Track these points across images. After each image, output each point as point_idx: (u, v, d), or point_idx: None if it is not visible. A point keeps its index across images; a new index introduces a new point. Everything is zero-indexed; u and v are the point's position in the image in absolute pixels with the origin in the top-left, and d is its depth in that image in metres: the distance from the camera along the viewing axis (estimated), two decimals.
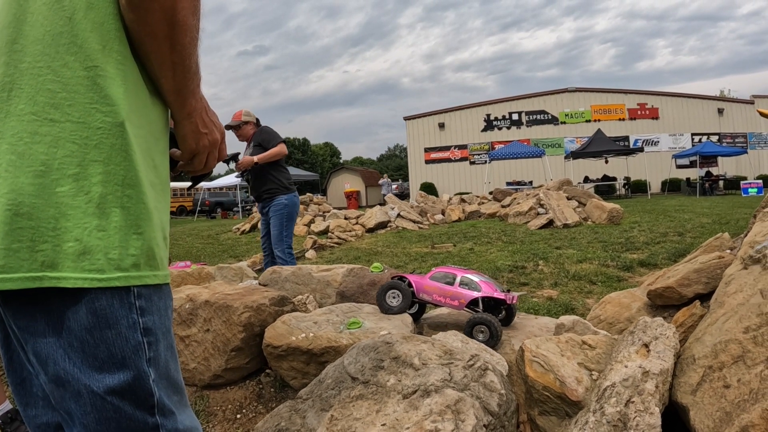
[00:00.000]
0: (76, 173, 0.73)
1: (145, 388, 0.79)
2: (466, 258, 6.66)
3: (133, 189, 0.78)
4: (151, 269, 0.81)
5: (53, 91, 0.74)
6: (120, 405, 0.77)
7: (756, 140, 27.84)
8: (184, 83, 0.87)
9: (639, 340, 1.65)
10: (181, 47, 0.81)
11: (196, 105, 0.93)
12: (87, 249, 0.73)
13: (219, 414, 2.33)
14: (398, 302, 2.58)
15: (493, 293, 2.43)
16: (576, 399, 1.58)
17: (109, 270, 0.74)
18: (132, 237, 0.77)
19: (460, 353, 1.76)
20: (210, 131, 0.98)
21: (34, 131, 0.73)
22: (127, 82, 0.80)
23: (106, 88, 0.76)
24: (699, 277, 2.35)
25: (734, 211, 11.26)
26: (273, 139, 4.53)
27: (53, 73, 0.74)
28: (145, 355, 0.79)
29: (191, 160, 1.00)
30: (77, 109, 0.74)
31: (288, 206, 4.59)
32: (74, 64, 0.75)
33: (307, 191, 26.51)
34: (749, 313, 1.55)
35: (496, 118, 29.68)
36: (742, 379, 1.39)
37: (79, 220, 0.73)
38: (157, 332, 0.82)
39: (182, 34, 0.80)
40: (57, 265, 0.72)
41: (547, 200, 10.97)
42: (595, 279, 4.77)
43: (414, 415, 1.48)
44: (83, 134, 0.74)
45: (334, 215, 12.94)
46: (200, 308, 2.57)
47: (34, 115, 0.73)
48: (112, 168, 0.76)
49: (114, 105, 0.76)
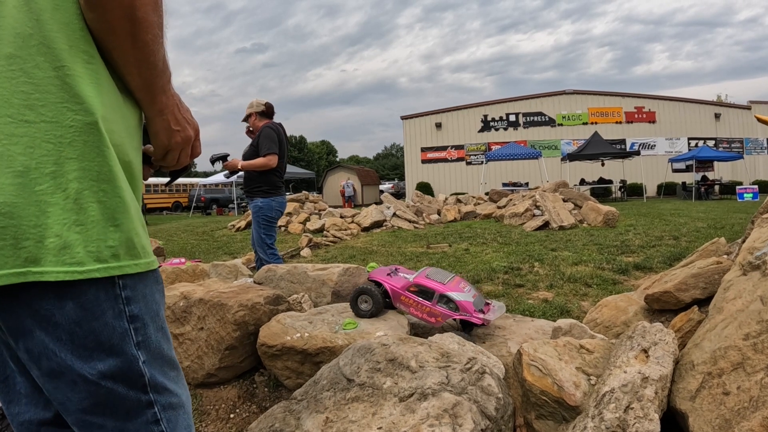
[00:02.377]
0: (53, 171, 0.76)
1: (136, 370, 0.84)
2: (462, 258, 6.65)
3: (108, 184, 0.80)
4: (132, 258, 0.83)
5: (27, 93, 0.76)
6: (113, 387, 0.82)
7: (752, 146, 27.96)
8: (152, 80, 0.88)
9: (638, 345, 1.64)
10: (143, 44, 0.82)
11: (167, 102, 0.94)
12: (67, 243, 0.76)
13: (212, 413, 2.30)
14: (368, 307, 2.56)
15: (471, 316, 2.40)
16: (574, 404, 1.57)
17: (88, 262, 0.77)
18: (110, 229, 0.80)
19: (457, 356, 1.74)
20: (182, 128, 0.99)
21: (10, 133, 0.74)
22: (98, 80, 0.82)
23: (75, 87, 0.78)
24: (697, 282, 2.35)
25: (729, 215, 11.30)
26: (265, 147, 4.39)
27: (25, 74, 0.76)
28: (133, 341, 0.84)
29: (164, 156, 1.01)
30: (50, 109, 0.76)
31: (263, 209, 4.49)
32: (44, 65, 0.77)
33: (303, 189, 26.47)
34: (749, 319, 1.53)
35: (493, 119, 29.67)
36: (742, 387, 1.38)
37: (58, 216, 0.76)
38: (144, 317, 0.86)
39: (143, 31, 0.81)
40: (39, 261, 0.74)
41: (543, 202, 10.98)
42: (590, 281, 4.77)
43: (411, 419, 1.46)
44: (57, 133, 0.76)
45: (330, 213, 12.91)
46: (194, 306, 2.55)
47: (10, 118, 0.75)
48: (87, 164, 0.78)
49: (83, 103, 0.78)
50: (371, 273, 2.80)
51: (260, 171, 4.45)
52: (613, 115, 28.45)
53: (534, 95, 29.68)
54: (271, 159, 4.39)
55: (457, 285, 2.53)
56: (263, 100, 4.66)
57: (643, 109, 28.37)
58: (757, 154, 27.81)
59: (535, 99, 29.49)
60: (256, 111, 4.60)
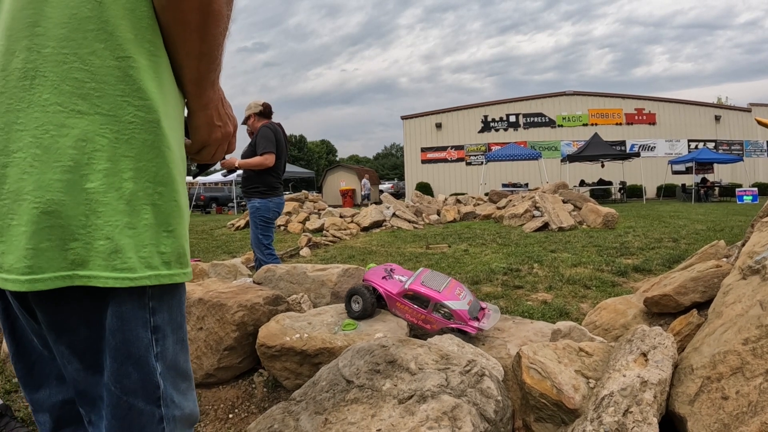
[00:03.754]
0: (107, 169, 0.70)
1: (153, 381, 0.80)
2: (461, 259, 6.65)
3: (164, 186, 0.76)
4: (181, 267, 0.79)
5: (80, 81, 0.69)
6: (134, 402, 0.79)
7: (752, 148, 27.98)
8: (207, 74, 0.84)
9: (637, 349, 1.64)
10: (212, 38, 0.78)
11: (213, 96, 0.89)
12: (118, 247, 0.71)
13: (211, 413, 2.30)
14: (359, 308, 2.57)
15: (465, 324, 2.40)
16: (573, 407, 1.57)
17: (140, 269, 0.73)
18: (162, 235, 0.76)
19: (457, 358, 1.74)
20: (224, 124, 0.95)
21: (60, 123, 0.68)
22: (159, 74, 0.77)
23: (139, 81, 0.73)
24: (696, 285, 2.35)
25: (729, 218, 11.31)
26: (261, 146, 4.37)
27: (80, 60, 0.69)
28: (153, 351, 0.80)
29: (200, 150, 0.96)
30: (107, 101, 0.71)
31: (260, 210, 4.48)
32: (104, 53, 0.70)
33: (303, 188, 26.45)
34: (748, 324, 1.54)
35: (494, 119, 29.68)
36: (741, 391, 1.38)
37: (110, 218, 0.70)
38: (165, 329, 0.82)
39: (215, 24, 0.76)
40: (87, 264, 0.69)
41: (542, 203, 10.98)
42: (589, 283, 4.77)
43: (410, 421, 1.46)
44: (114, 128, 0.71)
45: (329, 213, 12.92)
46: (193, 306, 2.54)
47: (60, 106, 0.69)
48: (144, 164, 0.73)
49: (147, 99, 0.73)
50: (366, 274, 2.79)
51: (258, 171, 4.44)
52: (613, 116, 28.47)
53: (534, 96, 29.68)
54: (268, 158, 4.36)
55: (453, 291, 2.52)
56: (261, 100, 4.65)
57: (644, 110, 28.39)
58: (756, 156, 27.84)
59: (536, 100, 29.50)
60: (254, 112, 4.59)
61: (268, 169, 4.46)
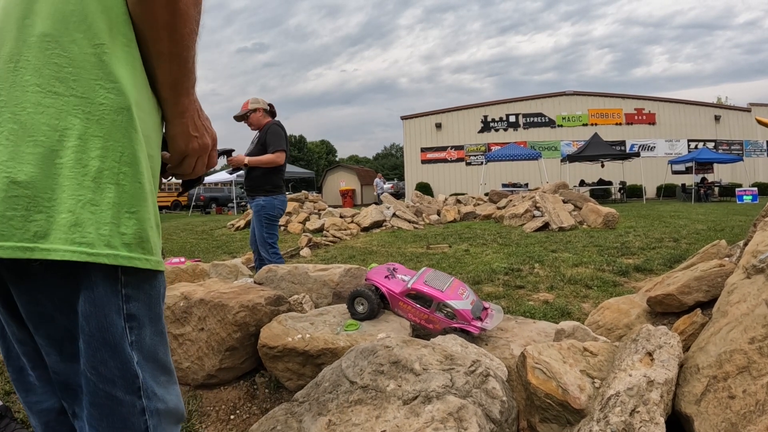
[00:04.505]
0: (76, 146, 0.74)
1: (131, 370, 0.81)
2: (462, 259, 6.64)
3: (129, 167, 0.78)
4: (143, 252, 0.80)
5: (59, 65, 0.75)
6: (111, 391, 0.80)
7: (752, 148, 27.98)
8: (180, 78, 0.88)
9: (642, 349, 1.63)
10: (180, 37, 0.82)
11: (189, 105, 0.92)
12: (79, 221, 0.72)
13: (212, 414, 2.29)
14: (364, 309, 2.56)
15: (468, 324, 2.38)
16: (578, 407, 1.56)
17: (98, 245, 0.74)
18: (125, 215, 0.77)
19: (461, 358, 1.73)
20: (200, 135, 0.97)
21: (38, 102, 0.73)
22: (133, 64, 0.82)
23: (111, 66, 0.78)
24: (700, 285, 2.34)
25: (729, 218, 11.30)
26: (274, 144, 4.38)
27: (61, 47, 0.75)
28: (128, 339, 0.81)
29: (180, 163, 0.98)
30: (82, 84, 0.75)
31: (265, 208, 4.49)
32: (82, 41, 0.76)
33: (303, 189, 26.42)
34: (754, 323, 1.53)
35: (493, 119, 29.66)
36: (748, 390, 1.37)
37: (73, 192, 0.73)
38: (142, 318, 0.84)
39: (182, 23, 0.81)
40: (48, 236, 0.71)
41: (542, 203, 10.97)
42: (590, 283, 4.76)
43: (415, 422, 1.45)
44: (86, 109, 0.75)
45: (330, 213, 12.90)
46: (195, 306, 2.53)
47: (39, 87, 0.74)
48: (111, 144, 0.76)
49: (117, 83, 0.78)
50: (368, 273, 2.78)
51: (264, 169, 4.45)
52: (613, 116, 28.46)
53: (534, 96, 29.66)
54: (280, 156, 4.39)
55: (456, 291, 2.51)
56: (263, 99, 4.66)
57: (643, 110, 28.38)
58: (756, 156, 27.83)
59: (535, 100, 29.48)
60: (263, 107, 4.57)
61: (274, 168, 4.47)
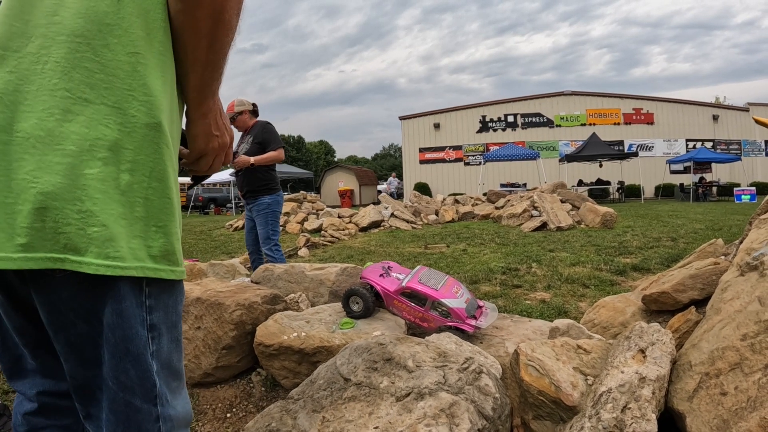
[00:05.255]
0: (106, 158, 0.71)
1: (150, 380, 0.81)
2: (459, 259, 6.65)
3: (159, 182, 0.77)
4: (169, 264, 0.80)
5: (90, 70, 0.72)
6: (131, 399, 0.80)
7: (750, 147, 28.01)
8: (210, 82, 0.87)
9: (635, 346, 1.64)
10: (220, 46, 0.81)
11: (213, 106, 0.92)
12: (112, 236, 0.71)
13: (209, 412, 2.29)
14: (359, 308, 2.57)
15: (462, 323, 2.39)
16: (571, 404, 1.56)
17: (129, 259, 0.73)
18: (152, 230, 0.77)
19: (455, 356, 1.74)
20: (221, 134, 0.97)
21: (66, 109, 0.70)
22: (165, 74, 0.79)
23: (146, 77, 0.75)
24: (694, 282, 2.34)
25: (727, 217, 11.32)
26: (274, 141, 4.49)
27: (93, 51, 0.72)
28: (150, 349, 0.81)
29: (197, 160, 0.99)
30: (114, 93, 0.73)
31: (271, 205, 4.58)
32: (116, 47, 0.73)
33: (301, 189, 26.40)
34: (747, 320, 1.53)
35: (492, 119, 29.67)
36: (740, 387, 1.37)
37: (105, 205, 0.71)
38: (161, 327, 0.83)
39: (224, 32, 0.80)
40: (80, 249, 0.70)
41: (541, 203, 10.98)
42: (588, 282, 4.76)
43: (407, 418, 1.46)
44: (117, 120, 0.73)
45: (328, 213, 12.90)
46: (192, 305, 2.54)
47: (68, 92, 0.70)
48: (142, 158, 0.75)
49: (152, 96, 0.75)
50: (363, 272, 2.78)
51: (265, 168, 4.54)
52: (612, 116, 28.48)
53: (532, 96, 29.67)
54: (281, 152, 4.54)
55: (450, 289, 2.51)
56: (248, 99, 4.73)
57: (642, 110, 28.40)
58: (755, 155, 27.86)
59: (534, 100, 29.49)
60: (248, 109, 4.64)
61: (271, 165, 4.59)
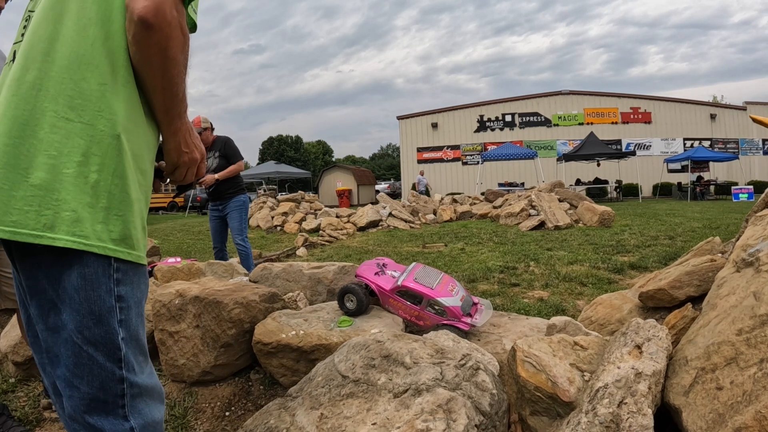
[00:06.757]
0: (80, 161, 0.96)
1: (115, 342, 1.01)
2: (457, 258, 6.66)
3: (120, 180, 1.00)
4: (127, 247, 1.02)
5: (71, 97, 0.97)
6: (94, 354, 0.99)
7: (747, 146, 28.07)
8: (171, 106, 1.09)
9: (631, 342, 1.65)
10: (170, 76, 1.04)
11: (181, 126, 1.15)
12: (79, 218, 0.95)
13: (207, 411, 2.30)
14: (353, 306, 2.57)
15: (458, 321, 2.39)
16: (568, 399, 1.57)
17: (92, 238, 0.96)
18: (113, 217, 0.99)
19: (452, 352, 1.75)
20: (191, 150, 1.20)
21: (53, 124, 0.96)
22: (129, 98, 1.04)
23: (111, 101, 1.00)
24: (691, 279, 2.35)
25: (725, 216, 11.35)
26: (236, 155, 5.32)
27: (73, 83, 0.98)
28: (116, 317, 1.01)
29: (174, 171, 1.22)
30: (88, 113, 0.98)
31: (245, 203, 5.46)
32: (91, 79, 0.99)
33: (299, 189, 26.37)
34: (742, 315, 1.54)
35: (489, 119, 29.69)
36: (735, 381, 1.38)
37: (76, 196, 0.95)
38: (129, 300, 1.04)
39: (172, 66, 1.03)
40: (54, 228, 0.93)
41: (538, 202, 11.00)
42: (585, 281, 4.78)
43: (405, 414, 1.46)
44: (89, 133, 0.97)
45: (326, 213, 12.90)
46: (190, 304, 2.54)
47: (55, 113, 0.96)
48: (107, 161, 0.98)
49: (115, 115, 1.00)
50: (358, 269, 2.78)
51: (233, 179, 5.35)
52: (609, 115, 28.52)
53: (530, 95, 29.70)
54: (242, 164, 5.41)
55: (445, 288, 2.51)
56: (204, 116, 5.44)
57: (639, 109, 28.44)
58: (752, 154, 27.93)
59: (531, 99, 29.52)
60: (211, 127, 5.35)
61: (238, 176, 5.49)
